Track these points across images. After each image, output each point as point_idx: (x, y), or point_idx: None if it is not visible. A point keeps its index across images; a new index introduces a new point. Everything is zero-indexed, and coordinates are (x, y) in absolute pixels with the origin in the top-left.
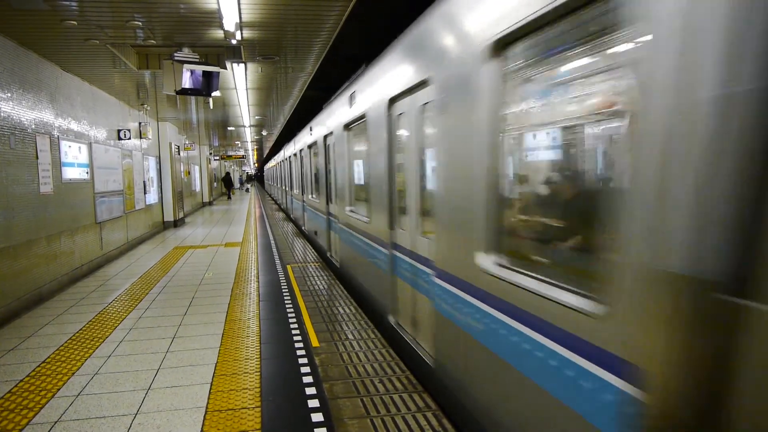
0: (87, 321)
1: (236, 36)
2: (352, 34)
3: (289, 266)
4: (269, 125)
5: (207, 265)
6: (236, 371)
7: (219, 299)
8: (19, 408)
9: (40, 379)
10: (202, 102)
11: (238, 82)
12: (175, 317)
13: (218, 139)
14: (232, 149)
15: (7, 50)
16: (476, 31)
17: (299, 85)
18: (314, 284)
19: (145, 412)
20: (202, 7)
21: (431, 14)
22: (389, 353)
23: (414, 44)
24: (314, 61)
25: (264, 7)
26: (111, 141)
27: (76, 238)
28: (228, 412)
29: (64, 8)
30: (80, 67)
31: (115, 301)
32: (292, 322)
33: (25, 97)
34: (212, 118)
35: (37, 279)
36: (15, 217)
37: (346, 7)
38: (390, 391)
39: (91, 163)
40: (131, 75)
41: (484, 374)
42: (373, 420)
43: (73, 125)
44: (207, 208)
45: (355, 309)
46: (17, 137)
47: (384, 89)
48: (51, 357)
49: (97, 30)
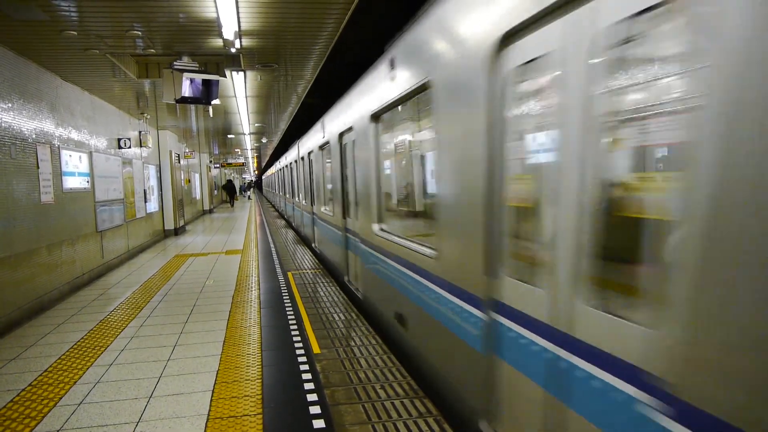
0: (88, 330)
1: (235, 44)
2: (351, 40)
3: (289, 273)
4: (269, 132)
5: (208, 272)
6: (238, 378)
7: (220, 307)
8: (22, 417)
9: (42, 388)
10: (202, 110)
11: (237, 90)
12: (176, 325)
13: (218, 146)
14: (232, 157)
15: (8, 60)
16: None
17: (298, 92)
18: (315, 291)
19: (147, 420)
20: (201, 16)
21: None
22: (390, 359)
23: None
24: (313, 69)
25: (263, 16)
26: (111, 150)
27: (76, 247)
28: (230, 420)
29: (63, 18)
30: (80, 76)
31: (116, 309)
32: (293, 328)
33: (25, 107)
34: (212, 126)
35: (38, 288)
36: (16, 227)
37: (344, 15)
38: (391, 396)
39: (91, 172)
40: (131, 84)
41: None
42: (374, 426)
43: (73, 134)
44: (207, 216)
45: (356, 315)
46: (18, 147)
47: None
48: (53, 366)
49: (97, 40)
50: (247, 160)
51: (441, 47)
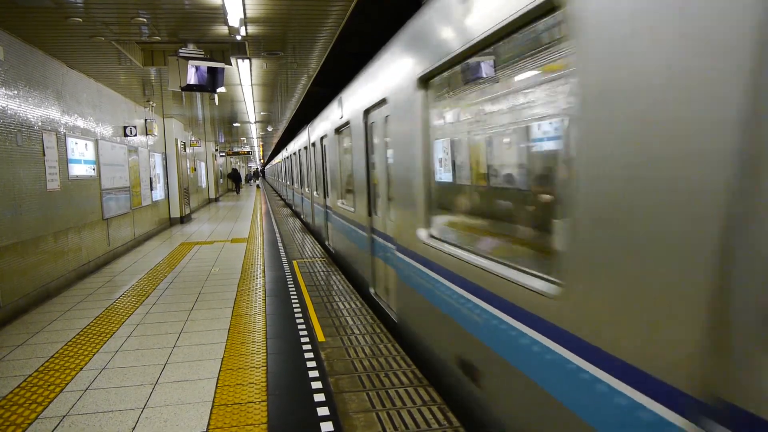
0: (94, 317)
1: (241, 32)
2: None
3: (295, 261)
4: (275, 121)
5: (213, 260)
6: (242, 366)
7: (225, 294)
8: (28, 402)
9: (49, 374)
10: (208, 98)
11: (243, 78)
12: (181, 312)
13: (224, 135)
14: (238, 145)
15: (14, 48)
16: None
17: (304, 80)
18: (320, 279)
19: (152, 407)
20: (206, 2)
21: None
22: (395, 348)
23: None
24: (319, 57)
25: (268, 3)
26: (117, 138)
27: (83, 235)
28: (234, 406)
29: (69, 5)
30: (86, 64)
31: (122, 296)
32: (298, 317)
33: (31, 94)
34: (218, 114)
35: (45, 275)
36: (22, 214)
37: (350, 2)
38: (395, 385)
39: (97, 160)
40: (137, 72)
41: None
42: (378, 414)
43: (79, 122)
44: (213, 205)
45: (360, 304)
46: (24, 134)
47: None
48: (59, 352)
49: (103, 27)
50: (252, 149)
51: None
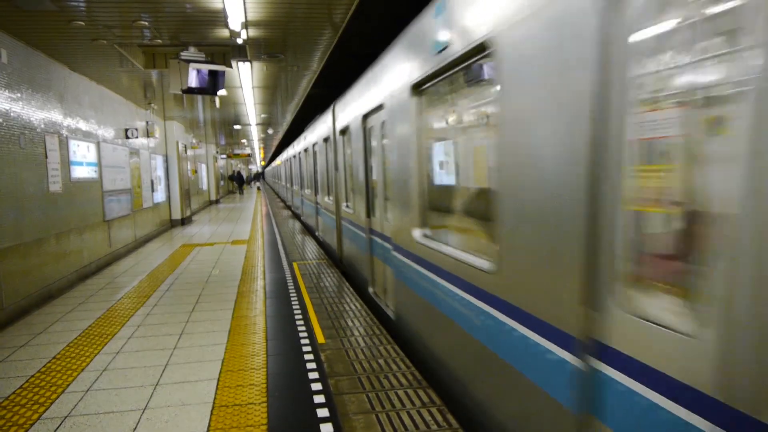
0: (96, 318)
1: (241, 35)
2: (358, 30)
3: (295, 263)
4: (275, 123)
5: (214, 262)
6: (243, 367)
7: (226, 296)
8: (30, 403)
9: (50, 375)
10: (209, 101)
11: (243, 81)
12: (182, 314)
13: (225, 137)
14: (239, 147)
15: (17, 51)
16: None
17: (304, 83)
18: (320, 281)
19: (153, 407)
20: (207, 6)
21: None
22: (394, 349)
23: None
24: (319, 59)
25: (269, 6)
26: (119, 140)
27: (84, 236)
28: (235, 408)
29: (71, 9)
30: (88, 67)
31: (123, 298)
32: (298, 318)
33: (34, 97)
34: (218, 116)
35: (47, 277)
36: (25, 216)
37: (351, 4)
38: (395, 386)
39: (99, 162)
40: (138, 74)
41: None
42: (378, 415)
43: (81, 125)
44: (214, 207)
45: (360, 305)
46: (27, 137)
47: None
48: (61, 353)
49: (105, 30)
50: (253, 151)
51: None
